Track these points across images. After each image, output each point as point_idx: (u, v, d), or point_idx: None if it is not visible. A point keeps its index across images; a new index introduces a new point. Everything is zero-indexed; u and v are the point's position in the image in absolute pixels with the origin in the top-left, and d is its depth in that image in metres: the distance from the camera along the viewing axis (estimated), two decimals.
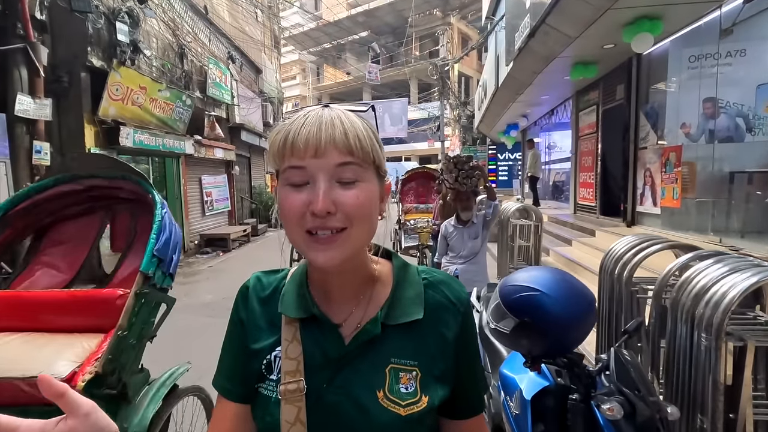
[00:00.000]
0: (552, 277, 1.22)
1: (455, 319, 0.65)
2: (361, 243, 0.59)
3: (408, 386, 0.61)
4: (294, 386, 0.60)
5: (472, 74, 25.44)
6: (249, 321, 0.68)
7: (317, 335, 0.63)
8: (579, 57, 6.08)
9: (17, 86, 5.07)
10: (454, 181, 3.32)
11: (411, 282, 0.67)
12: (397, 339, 0.63)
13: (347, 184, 0.56)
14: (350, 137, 0.55)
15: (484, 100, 12.43)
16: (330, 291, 0.65)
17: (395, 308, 0.64)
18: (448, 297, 0.66)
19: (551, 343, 1.21)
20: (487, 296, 2.71)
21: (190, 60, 9.40)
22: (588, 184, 7.98)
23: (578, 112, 8.48)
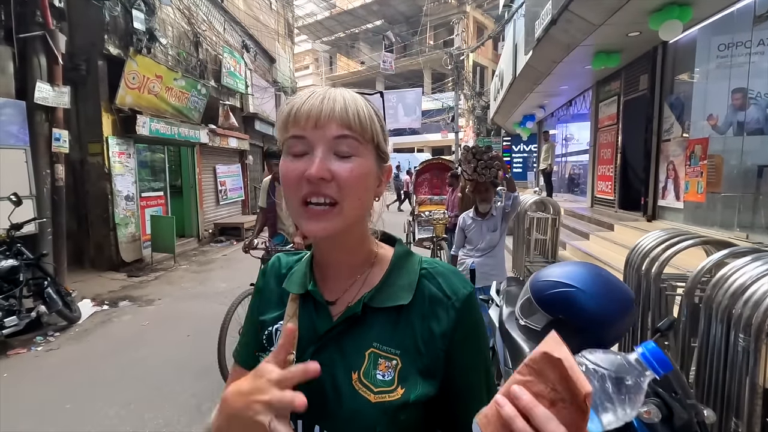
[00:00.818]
0: (588, 272, 1.16)
1: (447, 314, 0.62)
2: (353, 218, 0.60)
3: (385, 374, 0.59)
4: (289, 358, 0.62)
5: (487, 64, 25.02)
6: (263, 295, 0.74)
7: (311, 311, 0.65)
8: (602, 45, 5.90)
9: (36, 74, 5.10)
10: (473, 172, 3.25)
11: (407, 269, 0.66)
12: (383, 324, 0.62)
13: (344, 157, 0.57)
14: (349, 112, 0.57)
15: (500, 90, 12.21)
16: (327, 268, 0.68)
17: (383, 292, 0.63)
18: (443, 289, 0.63)
19: (586, 341, 1.15)
20: (507, 290, 2.65)
21: (205, 49, 9.40)
22: (606, 177, 7.80)
23: (598, 103, 8.27)
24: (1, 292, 3.94)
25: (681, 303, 1.92)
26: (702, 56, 5.18)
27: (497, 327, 2.42)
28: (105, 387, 3.28)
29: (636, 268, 2.28)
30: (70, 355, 3.91)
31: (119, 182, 6.90)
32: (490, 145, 3.64)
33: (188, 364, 3.64)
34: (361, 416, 0.57)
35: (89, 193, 6.72)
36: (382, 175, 0.64)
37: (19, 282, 4.10)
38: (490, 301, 2.73)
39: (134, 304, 5.44)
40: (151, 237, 7.50)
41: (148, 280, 6.61)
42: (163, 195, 8.48)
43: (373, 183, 0.62)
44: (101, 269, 6.74)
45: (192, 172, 9.50)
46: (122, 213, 6.94)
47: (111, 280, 6.45)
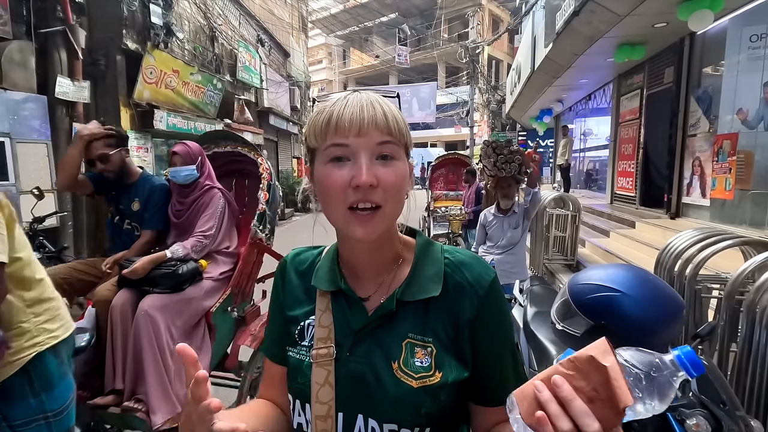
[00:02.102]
0: (633, 276, 1.10)
1: (471, 302, 0.65)
2: (393, 218, 0.63)
3: (423, 360, 0.63)
4: (325, 351, 0.65)
5: (502, 58, 24.66)
6: (287, 291, 0.75)
7: (344, 307, 0.67)
8: (626, 37, 5.72)
9: (57, 69, 5.16)
10: (493, 167, 3.18)
11: (432, 260, 0.68)
12: (415, 315, 0.65)
13: (386, 162, 0.60)
14: (389, 118, 0.60)
15: (516, 84, 12.01)
16: (357, 268, 0.69)
17: (413, 285, 0.66)
18: (467, 278, 0.66)
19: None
20: (530, 289, 2.58)
21: (221, 43, 9.42)
22: (627, 173, 7.62)
23: (619, 96, 8.06)
24: None
25: (719, 306, 1.84)
26: (732, 47, 4.98)
27: (521, 327, 2.36)
28: None
29: (668, 269, 2.19)
30: None
31: None
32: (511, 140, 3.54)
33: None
34: (407, 400, 0.61)
35: None
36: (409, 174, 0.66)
37: None
38: (513, 300, 2.66)
39: None
40: None
41: None
42: None
43: (407, 182, 0.64)
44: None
45: None
46: None
47: None
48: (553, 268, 5.49)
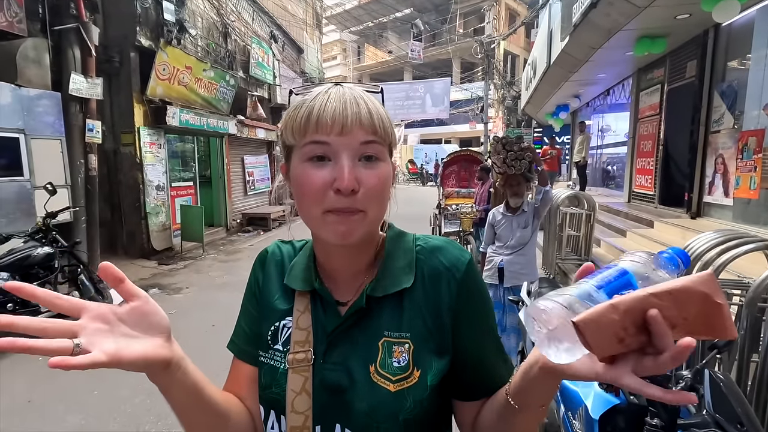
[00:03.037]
0: None
1: (449, 286, 0.61)
2: (375, 224, 0.60)
3: (400, 360, 0.59)
4: (302, 356, 0.61)
5: (518, 53, 24.23)
6: (264, 285, 0.70)
7: (320, 310, 0.64)
8: (646, 30, 5.51)
9: (71, 66, 5.23)
10: (502, 164, 3.08)
11: (403, 251, 0.65)
12: (389, 310, 0.61)
13: (369, 163, 0.56)
14: (374, 116, 0.56)
15: (532, 79, 11.76)
16: (333, 271, 0.65)
17: (383, 279, 0.62)
18: (442, 263, 0.62)
19: None
20: (538, 291, 2.49)
21: (234, 39, 9.44)
22: (646, 171, 7.38)
23: (639, 91, 7.80)
24: (38, 278, 4.07)
25: (739, 314, 1.72)
26: (760, 40, 4.74)
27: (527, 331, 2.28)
28: (132, 375, 3.31)
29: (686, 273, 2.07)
30: None
31: (150, 172, 7.05)
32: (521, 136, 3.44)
33: (212, 355, 3.65)
34: (383, 407, 0.57)
35: (122, 183, 6.91)
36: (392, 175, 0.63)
37: (54, 269, 4.23)
38: (520, 302, 2.57)
39: (163, 292, 5.55)
40: (180, 226, 7.66)
41: (177, 268, 6.75)
42: (193, 185, 8.64)
43: (390, 185, 0.60)
44: (133, 257, 6.94)
45: (221, 162, 9.64)
46: (153, 202, 7.10)
47: (142, 267, 6.63)
48: (566, 268, 5.35)
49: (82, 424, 2.72)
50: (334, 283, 0.65)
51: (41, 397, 3.03)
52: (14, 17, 4.66)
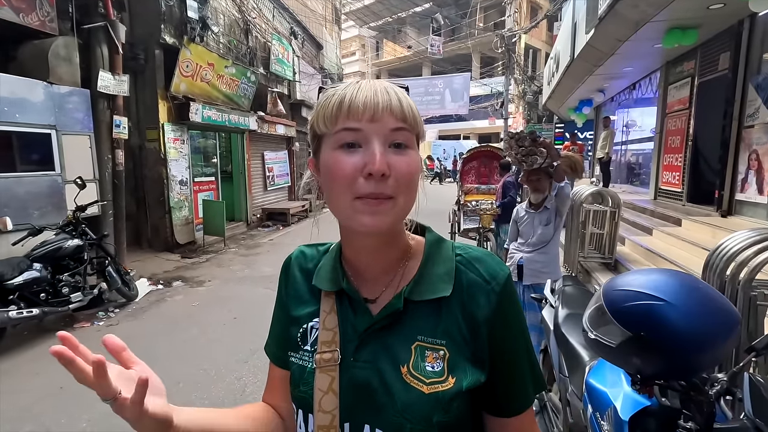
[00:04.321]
0: (680, 283, 0.97)
1: (487, 299, 0.60)
2: (404, 212, 0.59)
3: (434, 365, 0.58)
4: (329, 355, 0.61)
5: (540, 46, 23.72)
6: (291, 290, 0.71)
7: (348, 309, 0.64)
8: (676, 21, 5.31)
9: (99, 63, 5.37)
10: (514, 159, 3.04)
11: (443, 258, 0.64)
12: (425, 316, 0.61)
13: (399, 150, 0.56)
14: (404, 105, 0.57)
15: (555, 73, 11.50)
16: (362, 267, 0.65)
17: (421, 284, 0.62)
18: (481, 274, 0.62)
19: (672, 364, 0.98)
20: (562, 290, 2.44)
21: (255, 36, 9.53)
22: (674, 167, 7.15)
23: (667, 85, 7.54)
24: (68, 269, 4.21)
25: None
26: None
27: (551, 330, 2.24)
28: (157, 364, 3.41)
29: (718, 273, 2.00)
30: (128, 332, 4.14)
31: (174, 167, 7.20)
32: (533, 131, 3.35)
33: (234, 347, 3.73)
34: (417, 407, 0.56)
35: (147, 178, 7.08)
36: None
37: (84, 261, 4.38)
38: (543, 300, 2.53)
39: (186, 284, 5.68)
40: (202, 220, 7.81)
41: (199, 261, 6.90)
42: (215, 180, 8.79)
43: (420, 174, 0.60)
44: (158, 250, 7.11)
45: (241, 158, 9.78)
46: (177, 197, 7.25)
47: (166, 260, 6.79)
48: (588, 267, 5.24)
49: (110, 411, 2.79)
50: (362, 280, 0.65)
51: (72, 385, 3.11)
52: (46, 16, 4.80)
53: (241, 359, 3.50)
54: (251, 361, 3.46)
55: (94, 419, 2.71)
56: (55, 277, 4.06)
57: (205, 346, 3.78)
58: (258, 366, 3.37)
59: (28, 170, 4.56)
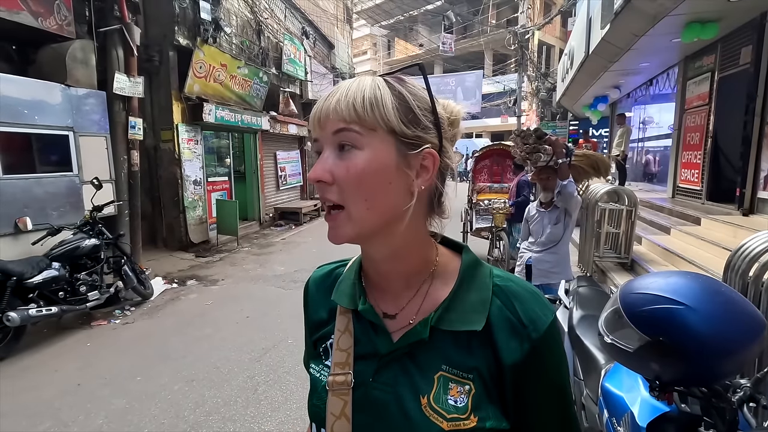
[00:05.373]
0: (701, 287, 0.94)
1: (521, 345, 0.53)
2: (368, 221, 0.53)
3: (458, 400, 0.53)
4: (342, 378, 0.58)
5: (554, 43, 23.39)
6: (312, 309, 0.69)
7: (368, 327, 0.60)
8: (696, 14, 5.17)
9: (114, 65, 5.45)
10: (518, 157, 3.00)
11: (478, 284, 0.58)
12: (452, 345, 0.55)
13: (342, 153, 0.52)
14: (342, 103, 0.51)
15: (569, 70, 11.32)
16: (378, 280, 0.62)
17: (451, 311, 0.56)
18: (518, 315, 0.55)
19: (693, 370, 0.94)
20: (577, 290, 2.40)
21: (267, 37, 9.59)
22: (693, 165, 6.97)
23: (685, 81, 7.36)
24: (86, 268, 4.30)
25: None
26: None
27: (566, 331, 2.20)
28: (171, 362, 3.47)
29: (741, 274, 1.93)
30: (143, 330, 4.20)
31: (188, 167, 7.29)
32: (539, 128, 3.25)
33: (246, 346, 3.76)
34: None
35: (162, 178, 7.18)
36: (410, 165, 0.53)
37: (101, 260, 4.46)
38: (558, 301, 2.49)
39: (200, 283, 5.75)
40: (216, 220, 7.89)
41: (213, 260, 6.97)
42: (228, 180, 8.88)
43: (390, 177, 0.52)
44: (172, 249, 7.21)
45: (254, 158, 9.85)
46: (191, 196, 7.34)
47: (180, 259, 6.88)
48: (604, 267, 5.14)
49: (126, 408, 2.85)
50: (381, 292, 0.61)
51: (89, 382, 3.20)
52: (63, 20, 4.90)
53: (253, 358, 3.52)
54: (263, 360, 3.48)
55: (110, 416, 2.76)
56: (73, 276, 4.15)
57: (219, 344, 3.81)
58: (270, 365, 3.39)
59: (46, 171, 4.66)
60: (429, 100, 0.55)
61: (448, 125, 0.58)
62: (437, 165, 0.55)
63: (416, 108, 0.53)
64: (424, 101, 0.55)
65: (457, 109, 0.60)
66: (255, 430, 2.62)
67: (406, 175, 0.53)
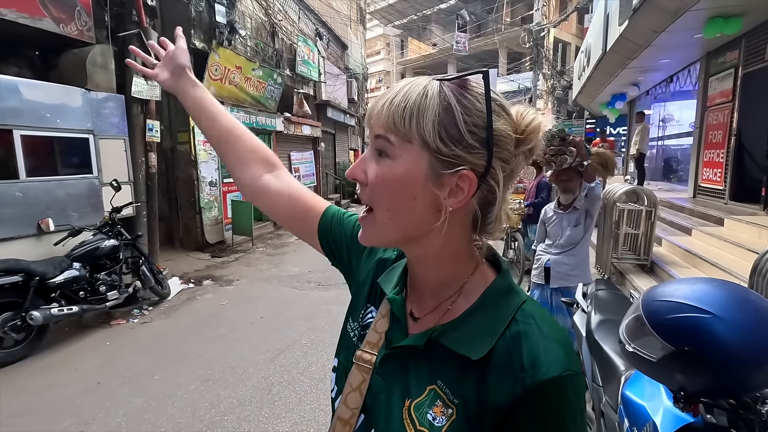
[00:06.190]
0: (727, 294, 0.90)
1: (511, 388, 0.47)
2: (391, 229, 0.53)
3: (437, 419, 0.51)
4: (368, 356, 0.60)
5: (570, 40, 23.02)
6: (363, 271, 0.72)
7: (394, 318, 0.61)
8: (718, 9, 5.02)
9: (133, 70, 5.54)
10: (542, 159, 2.94)
11: (497, 312, 0.53)
12: (452, 364, 0.53)
13: (378, 158, 0.52)
14: (393, 108, 0.50)
15: (585, 68, 11.13)
16: (413, 281, 0.62)
17: (459, 330, 0.53)
18: (520, 356, 0.48)
19: (721, 382, 0.90)
20: (595, 294, 2.35)
21: (281, 38, 9.66)
22: (715, 164, 6.78)
23: (707, 77, 7.16)
24: (105, 268, 4.39)
25: None
26: None
27: (584, 336, 2.15)
28: (188, 362, 3.52)
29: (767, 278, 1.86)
30: (160, 329, 4.27)
31: (204, 169, 7.39)
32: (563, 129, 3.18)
33: (261, 346, 3.79)
34: None
35: (178, 179, 7.29)
36: (441, 184, 0.50)
37: (120, 260, 4.55)
38: (575, 305, 2.43)
39: (216, 283, 5.82)
40: (231, 220, 7.99)
41: (228, 260, 7.05)
42: None
43: (415, 193, 0.50)
44: (189, 249, 7.33)
45: None
46: (207, 197, 7.44)
47: (197, 259, 6.98)
48: (623, 268, 5.03)
49: (144, 406, 2.90)
50: (416, 292, 0.61)
51: (109, 380, 3.26)
52: (84, 26, 5.00)
53: (267, 358, 3.54)
54: (277, 360, 3.50)
55: (129, 415, 2.80)
56: (93, 276, 4.24)
57: (233, 344, 3.85)
58: (284, 366, 3.41)
59: (68, 173, 4.77)
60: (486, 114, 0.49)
61: (518, 139, 0.52)
62: (473, 188, 0.50)
63: (462, 123, 0.49)
64: (479, 115, 0.49)
65: (536, 122, 0.53)
66: (269, 430, 2.63)
67: (435, 194, 0.50)
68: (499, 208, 0.53)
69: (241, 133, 0.82)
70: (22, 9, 4.33)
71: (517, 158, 0.53)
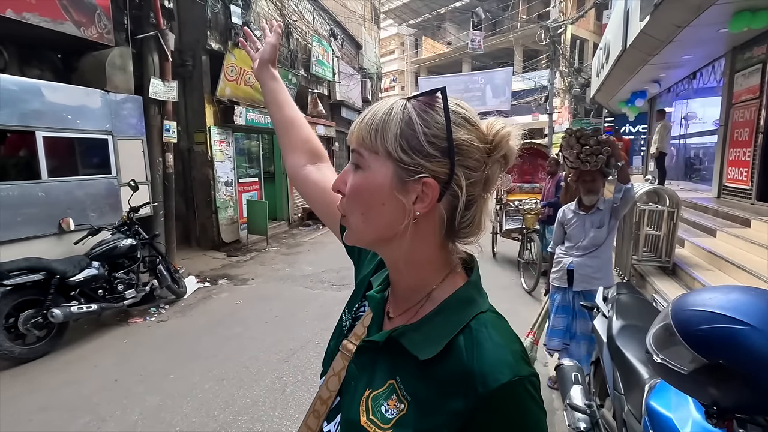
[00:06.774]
0: (765, 303, 0.84)
1: (464, 396, 0.49)
2: (365, 233, 0.58)
3: (389, 411, 0.55)
4: (351, 346, 0.64)
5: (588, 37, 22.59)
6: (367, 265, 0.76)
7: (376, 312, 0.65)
8: (745, 2, 4.83)
9: (150, 71, 5.64)
10: (575, 159, 2.84)
11: (452, 318, 0.55)
12: (411, 363, 0.55)
13: (356, 170, 0.57)
14: (363, 125, 0.56)
15: (604, 65, 10.88)
16: (392, 283, 0.65)
17: (417, 332, 0.56)
18: (471, 364, 0.50)
19: (756, 397, 0.85)
20: (616, 298, 2.27)
21: (295, 39, 9.70)
22: (741, 163, 6.54)
23: (733, 73, 6.91)
24: (123, 267, 4.46)
25: None
26: None
27: (605, 342, 2.08)
28: (203, 361, 3.55)
29: None
30: (176, 328, 4.32)
31: (220, 169, 7.47)
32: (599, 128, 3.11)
33: (275, 346, 3.80)
34: (352, 429, 0.57)
35: (195, 179, 7.38)
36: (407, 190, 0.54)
37: (137, 259, 4.62)
38: (595, 309, 2.36)
39: (231, 282, 5.87)
40: (246, 220, 8.05)
41: (244, 260, 7.11)
42: (258, 180, 9.04)
43: (383, 198, 0.55)
44: (205, 248, 7.41)
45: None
46: (222, 197, 7.52)
47: (213, 258, 7.06)
48: (643, 271, 4.90)
49: (160, 405, 2.92)
50: (393, 295, 0.65)
51: (126, 378, 3.31)
52: (104, 29, 5.10)
53: (281, 358, 3.54)
54: (291, 360, 3.50)
55: (145, 413, 2.83)
56: (112, 275, 4.31)
57: (248, 344, 3.87)
58: (298, 366, 3.40)
59: (87, 173, 4.87)
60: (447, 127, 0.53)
61: (489, 148, 0.55)
62: (436, 194, 0.53)
63: (422, 135, 0.53)
64: (439, 127, 0.53)
65: (504, 130, 0.56)
66: (282, 431, 2.63)
67: (401, 200, 0.54)
68: (476, 213, 0.57)
69: (300, 124, 0.93)
70: (45, 13, 4.43)
71: (490, 166, 0.56)
